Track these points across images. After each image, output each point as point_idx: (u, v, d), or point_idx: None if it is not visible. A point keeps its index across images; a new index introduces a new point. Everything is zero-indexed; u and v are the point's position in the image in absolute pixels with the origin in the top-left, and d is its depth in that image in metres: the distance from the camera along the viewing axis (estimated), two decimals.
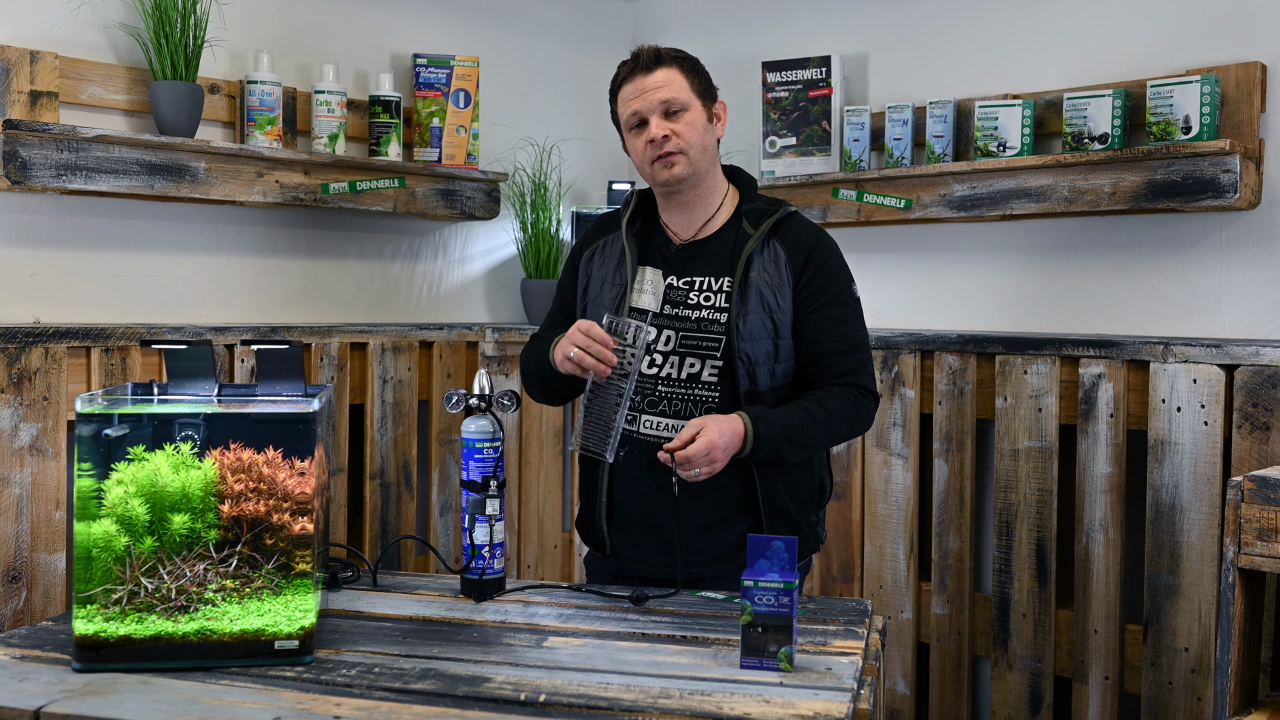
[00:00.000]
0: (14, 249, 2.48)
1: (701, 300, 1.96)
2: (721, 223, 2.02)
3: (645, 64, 1.95)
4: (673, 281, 1.99)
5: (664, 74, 1.94)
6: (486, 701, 1.42)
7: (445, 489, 3.07)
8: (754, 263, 1.95)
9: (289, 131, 2.85)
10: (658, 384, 1.96)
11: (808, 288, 1.96)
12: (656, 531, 1.99)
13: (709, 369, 1.94)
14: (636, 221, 2.06)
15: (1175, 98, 2.50)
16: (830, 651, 1.63)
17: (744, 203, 2.03)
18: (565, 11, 3.53)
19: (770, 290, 1.94)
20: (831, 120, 3.10)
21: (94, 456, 1.52)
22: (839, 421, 1.93)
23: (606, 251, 2.07)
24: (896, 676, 2.89)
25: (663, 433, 1.96)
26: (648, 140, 1.94)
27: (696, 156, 1.95)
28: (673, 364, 1.96)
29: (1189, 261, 2.65)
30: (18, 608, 2.29)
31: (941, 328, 3.01)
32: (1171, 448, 2.43)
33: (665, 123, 1.93)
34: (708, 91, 2.00)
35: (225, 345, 2.60)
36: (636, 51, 1.98)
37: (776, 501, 1.97)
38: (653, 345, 1.95)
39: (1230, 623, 1.96)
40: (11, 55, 2.41)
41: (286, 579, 1.55)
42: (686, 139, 1.94)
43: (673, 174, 1.95)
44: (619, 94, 1.99)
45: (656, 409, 1.96)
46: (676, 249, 2.01)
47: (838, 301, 1.97)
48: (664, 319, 1.98)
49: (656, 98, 1.93)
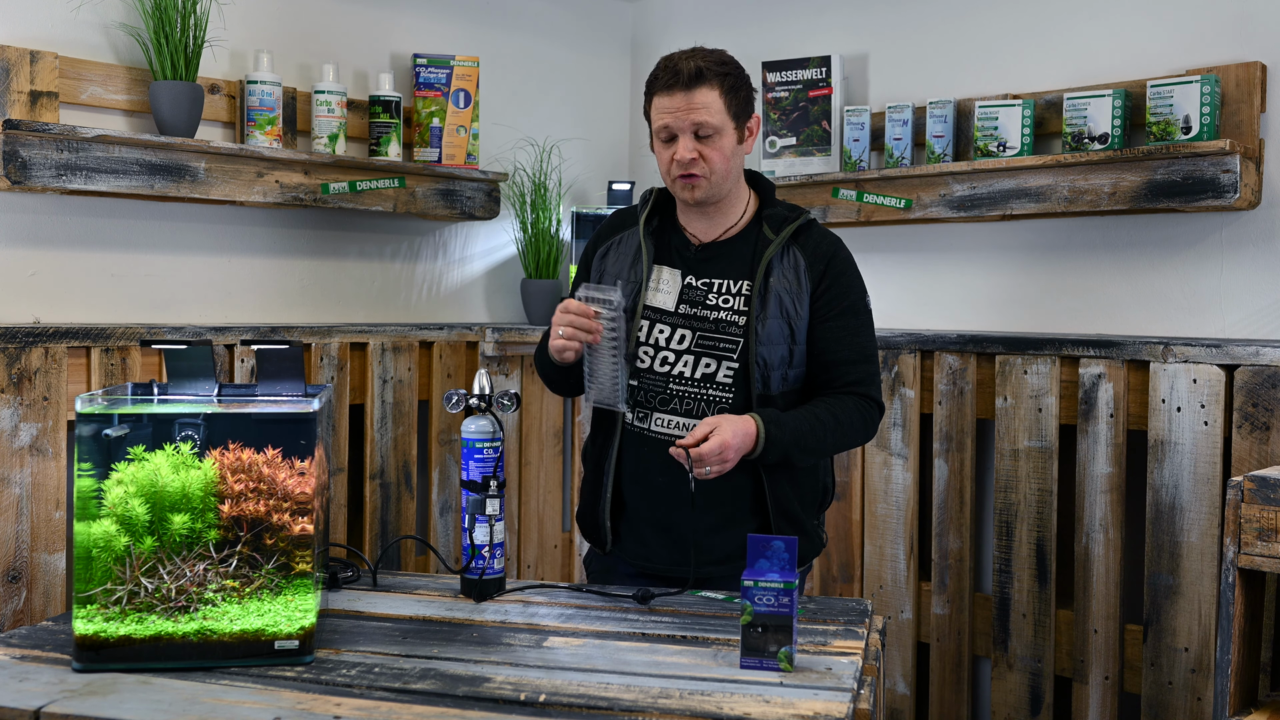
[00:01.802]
0: (14, 249, 2.48)
1: (720, 302, 1.97)
2: (742, 226, 2.03)
3: (686, 80, 1.90)
4: (691, 281, 2.00)
5: (703, 94, 1.90)
6: (486, 701, 1.42)
7: (445, 489, 3.07)
8: (774, 268, 1.96)
9: (289, 131, 2.85)
10: (669, 382, 1.97)
11: (825, 296, 1.97)
12: (666, 530, 1.99)
13: (725, 370, 1.95)
14: (654, 219, 2.06)
15: (1175, 98, 2.50)
16: (830, 651, 1.63)
17: (764, 207, 2.04)
18: (565, 11, 3.53)
19: (790, 296, 1.95)
20: (831, 120, 3.10)
21: (94, 456, 1.52)
22: (846, 430, 1.95)
23: (622, 248, 2.07)
24: (896, 676, 2.89)
25: (674, 431, 1.96)
26: (673, 157, 1.93)
27: (719, 181, 1.95)
28: (687, 363, 1.97)
29: (1189, 261, 2.65)
30: (18, 608, 2.29)
31: (941, 328, 3.01)
32: (1171, 448, 2.43)
33: (695, 144, 1.92)
34: (745, 109, 1.97)
35: (225, 345, 2.60)
36: (677, 65, 1.91)
37: (784, 503, 1.98)
38: (624, 304, 1.92)
39: (1230, 623, 1.96)
40: (11, 55, 2.41)
41: (286, 579, 1.55)
42: (713, 164, 1.93)
43: (693, 196, 1.96)
44: (654, 98, 1.95)
45: (668, 407, 1.97)
46: (696, 249, 2.02)
47: (852, 312, 1.99)
48: (680, 318, 1.98)
49: (690, 119, 1.91)
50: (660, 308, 1.99)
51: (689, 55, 1.93)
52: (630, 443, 2.01)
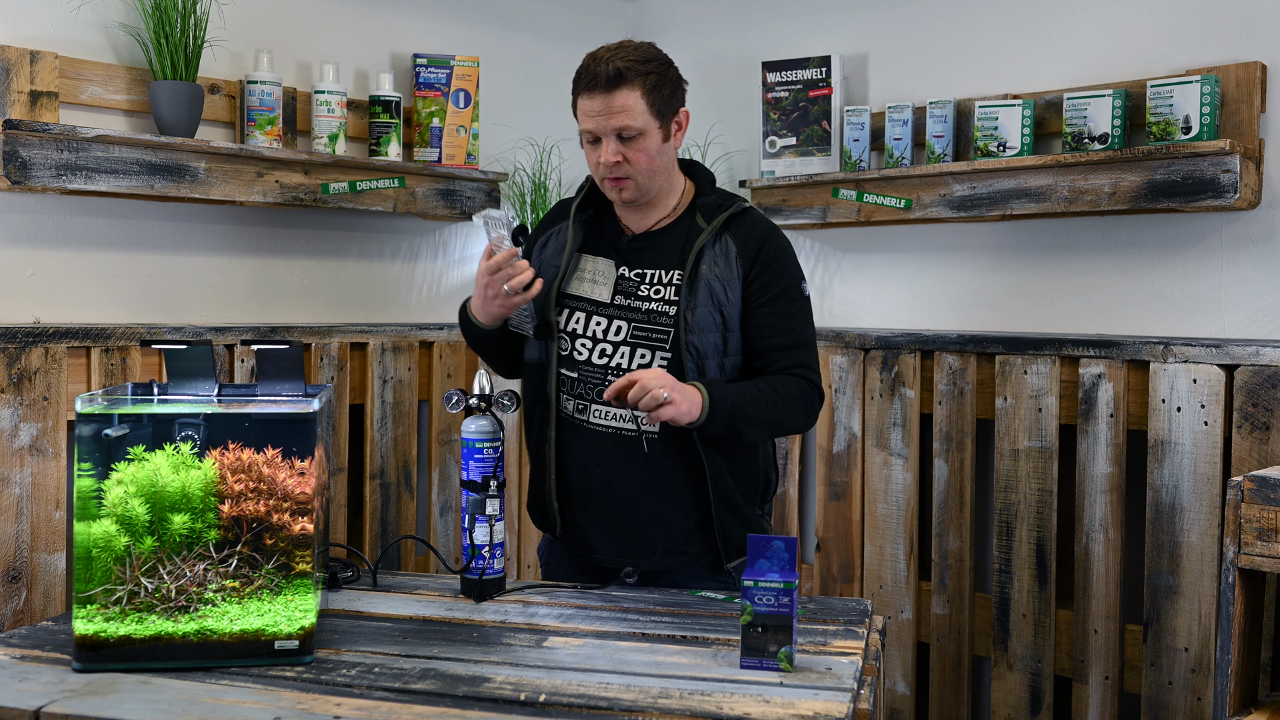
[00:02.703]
0: (14, 249, 2.48)
1: (652, 293, 1.98)
2: (676, 215, 2.04)
3: (606, 83, 1.89)
4: (624, 272, 2.01)
5: (623, 97, 1.89)
6: (486, 701, 1.42)
7: (445, 489, 3.07)
8: (704, 256, 1.97)
9: (289, 131, 2.85)
10: (608, 373, 1.97)
11: (756, 282, 1.97)
12: (608, 520, 2.00)
13: (659, 360, 1.96)
14: (590, 208, 2.07)
15: (1175, 98, 2.50)
16: (830, 651, 1.63)
17: (699, 196, 2.04)
18: (565, 11, 3.53)
19: (720, 284, 1.95)
20: (831, 120, 3.10)
21: (94, 456, 1.52)
22: (788, 405, 1.94)
23: (560, 237, 2.08)
24: (896, 676, 2.89)
25: (613, 421, 1.97)
26: (599, 160, 1.95)
27: (646, 181, 1.96)
28: (623, 354, 1.97)
29: (1189, 261, 2.65)
30: (18, 608, 2.29)
31: (941, 328, 3.01)
32: (1171, 448, 2.43)
33: (619, 147, 1.92)
34: (669, 106, 1.96)
35: (225, 345, 2.60)
36: (597, 68, 1.91)
37: (726, 494, 1.98)
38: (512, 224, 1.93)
39: (1230, 623, 1.96)
40: (11, 55, 2.41)
41: (286, 579, 1.55)
42: (638, 165, 1.93)
43: (621, 197, 1.98)
44: (578, 99, 1.96)
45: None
46: (628, 240, 2.03)
47: (786, 297, 1.98)
48: (616, 309, 1.99)
49: (611, 124, 1.91)
50: (595, 299, 2.00)
51: (610, 54, 1.91)
52: (571, 434, 2.01)
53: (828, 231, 3.24)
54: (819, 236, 3.27)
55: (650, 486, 1.96)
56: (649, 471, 1.96)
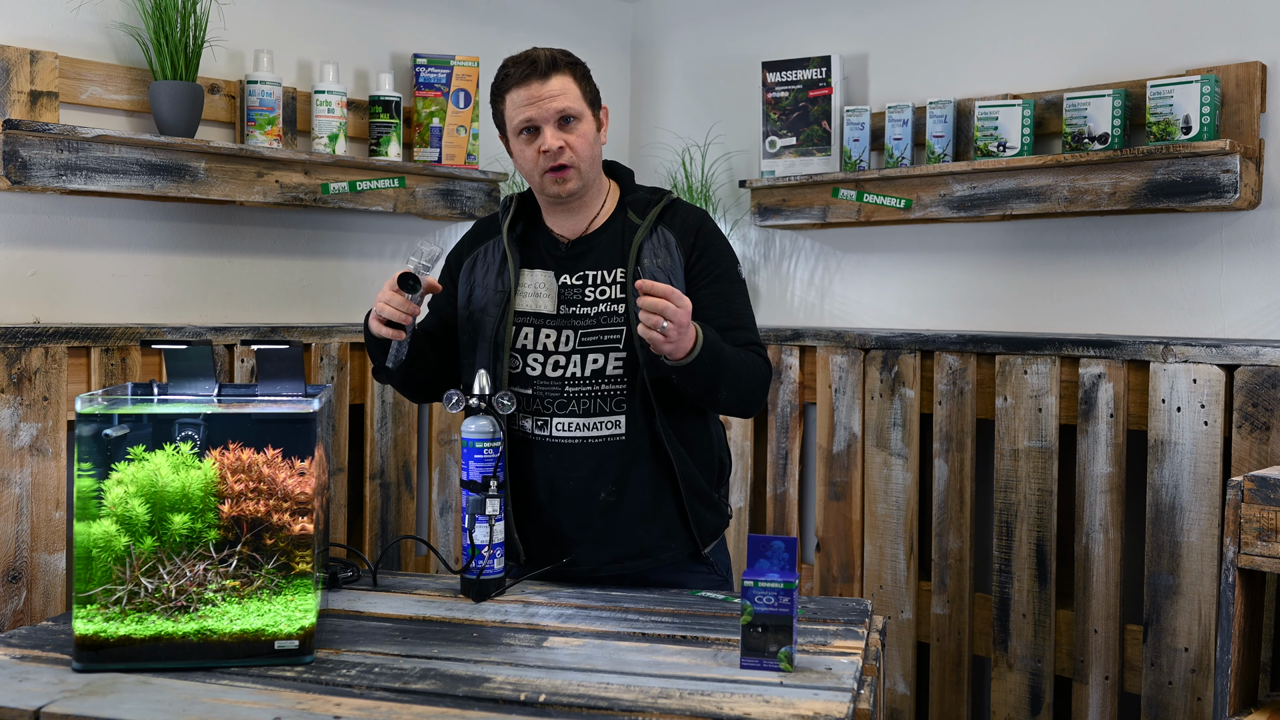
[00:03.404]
0: (14, 249, 2.48)
1: (597, 295, 1.98)
2: (606, 217, 2.04)
3: (542, 70, 1.92)
4: (566, 280, 2.00)
5: (560, 82, 1.92)
6: (486, 701, 1.42)
7: (445, 489, 3.07)
8: (645, 251, 1.98)
9: (289, 131, 2.85)
10: (564, 385, 1.97)
11: (696, 266, 1.99)
12: (585, 528, 1.99)
13: (613, 362, 1.96)
14: (518, 226, 2.06)
15: (1175, 98, 2.50)
16: (830, 651, 1.63)
17: (625, 194, 2.06)
18: (565, 11, 3.53)
19: (664, 274, 1.96)
20: (831, 120, 3.10)
21: (94, 456, 1.52)
22: (754, 372, 1.95)
23: (488, 259, 2.06)
24: (896, 676, 2.89)
25: (575, 433, 1.97)
26: (540, 149, 1.94)
27: (587, 170, 1.97)
28: (575, 363, 1.97)
29: (1189, 261, 2.65)
30: (18, 608, 2.29)
31: (941, 328, 3.01)
32: (1171, 448, 2.43)
33: (560, 134, 1.93)
34: (596, 99, 2.00)
35: (225, 345, 2.60)
36: (533, 56, 1.94)
37: (692, 481, 2.00)
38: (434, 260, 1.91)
39: (1230, 623, 1.96)
40: (11, 55, 2.41)
41: (286, 579, 1.55)
42: (579, 151, 1.94)
43: (565, 189, 1.97)
44: (508, 95, 1.95)
45: (566, 410, 1.97)
46: (565, 248, 2.03)
47: (724, 279, 2.01)
48: (563, 319, 1.99)
49: (553, 107, 1.91)
50: (542, 312, 1.99)
51: (536, 50, 1.95)
52: (530, 452, 2.00)
53: (828, 231, 3.24)
54: (819, 236, 3.27)
55: (628, 487, 1.97)
56: (625, 472, 1.96)
